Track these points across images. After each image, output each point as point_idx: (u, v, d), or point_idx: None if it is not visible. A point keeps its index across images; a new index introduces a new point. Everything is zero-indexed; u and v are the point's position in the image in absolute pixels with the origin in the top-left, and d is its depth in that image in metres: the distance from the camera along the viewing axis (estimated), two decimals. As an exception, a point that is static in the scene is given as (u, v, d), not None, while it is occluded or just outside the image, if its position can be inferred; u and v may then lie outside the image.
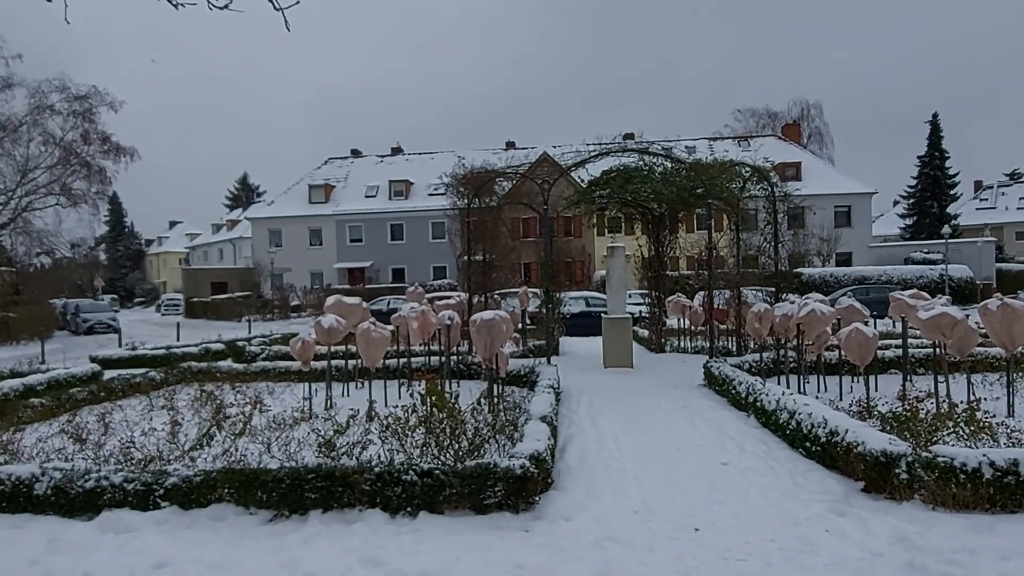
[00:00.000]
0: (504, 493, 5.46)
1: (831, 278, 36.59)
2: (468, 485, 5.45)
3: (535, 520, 5.36)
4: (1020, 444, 5.97)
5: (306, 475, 5.54)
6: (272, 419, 7.75)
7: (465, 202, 17.38)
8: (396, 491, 5.47)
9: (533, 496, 5.61)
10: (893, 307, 10.43)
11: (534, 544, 4.93)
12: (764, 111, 63.59)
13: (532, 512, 5.52)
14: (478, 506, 5.49)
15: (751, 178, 14.85)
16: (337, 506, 5.52)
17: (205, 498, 5.63)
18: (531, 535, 5.10)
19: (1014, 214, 61.54)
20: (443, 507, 5.50)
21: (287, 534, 5.24)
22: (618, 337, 14.90)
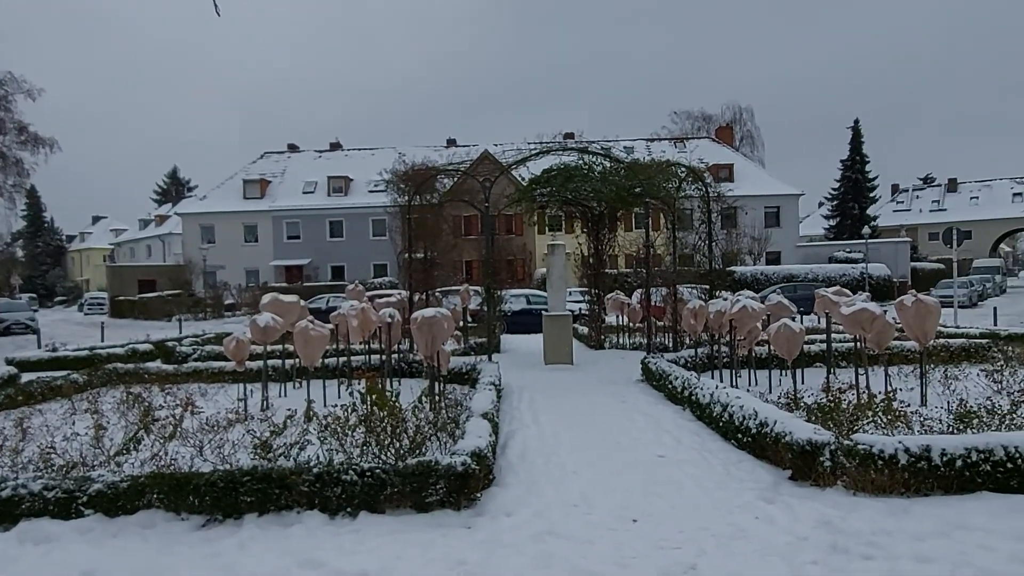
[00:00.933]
0: (446, 491, 5.46)
1: (762, 276, 37.91)
2: (409, 484, 5.43)
3: (477, 516, 5.39)
4: (932, 431, 6.33)
5: (241, 478, 5.41)
6: (205, 421, 7.51)
7: (406, 199, 17.24)
8: (335, 491, 5.40)
9: (475, 493, 5.64)
10: (818, 304, 10.91)
11: (475, 540, 4.96)
12: (699, 114, 65.39)
13: (474, 509, 5.54)
14: (420, 504, 5.47)
15: (686, 178, 15.25)
16: (274, 509, 5.41)
17: (133, 505, 5.43)
18: (473, 531, 5.13)
19: (927, 216, 65.21)
20: (384, 506, 5.46)
21: (221, 539, 5.10)
22: (558, 334, 15.08)
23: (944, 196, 68.11)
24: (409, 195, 17.11)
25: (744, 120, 65.09)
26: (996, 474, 5.36)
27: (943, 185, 69.62)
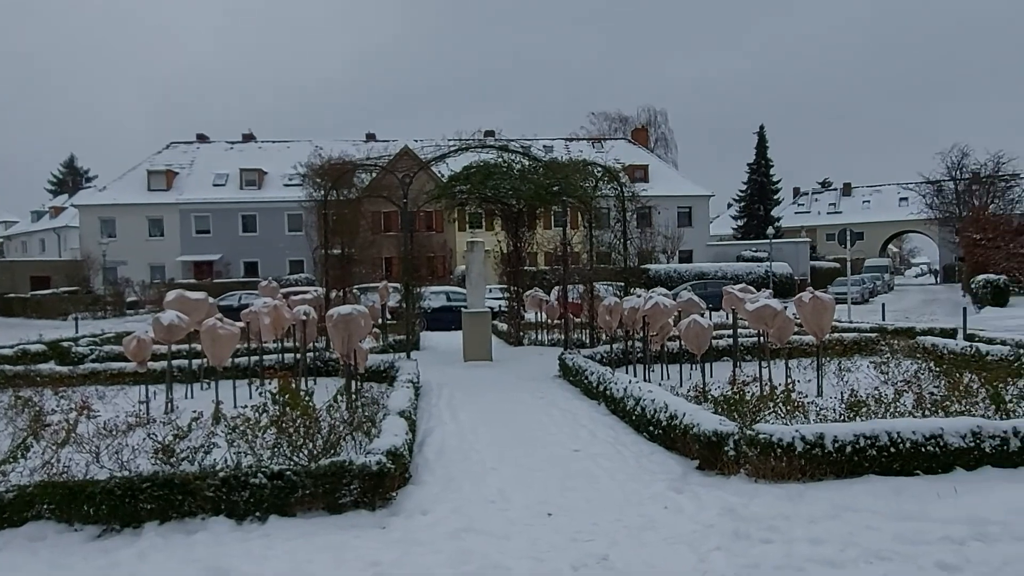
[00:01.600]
0: (360, 491, 5.38)
1: (675, 274, 39.24)
2: (322, 485, 5.32)
3: (392, 516, 5.34)
4: (826, 420, 6.74)
5: (140, 484, 5.15)
6: (102, 426, 7.09)
7: (322, 193, 16.82)
8: (243, 496, 5.22)
9: (390, 492, 5.58)
10: (725, 300, 11.41)
11: (391, 540, 4.91)
12: (616, 116, 66.94)
13: (389, 508, 5.49)
14: (333, 506, 5.37)
15: (603, 178, 15.59)
16: (176, 516, 5.18)
17: (20, 516, 5.07)
18: (388, 531, 5.08)
19: (825, 218, 69.24)
20: (295, 509, 5.32)
21: (119, 549, 4.84)
22: (478, 331, 15.11)
23: (840, 199, 72.45)
24: (326, 189, 16.70)
25: (659, 123, 67.13)
26: (881, 458, 5.76)
27: (839, 189, 74.06)
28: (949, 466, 5.79)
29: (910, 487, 5.50)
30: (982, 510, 4.97)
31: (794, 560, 4.35)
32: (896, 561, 4.30)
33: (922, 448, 5.77)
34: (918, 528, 4.75)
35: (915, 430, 5.84)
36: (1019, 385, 8.16)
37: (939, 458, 5.78)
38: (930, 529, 4.72)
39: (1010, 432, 5.91)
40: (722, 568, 4.30)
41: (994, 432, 5.90)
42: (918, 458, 5.78)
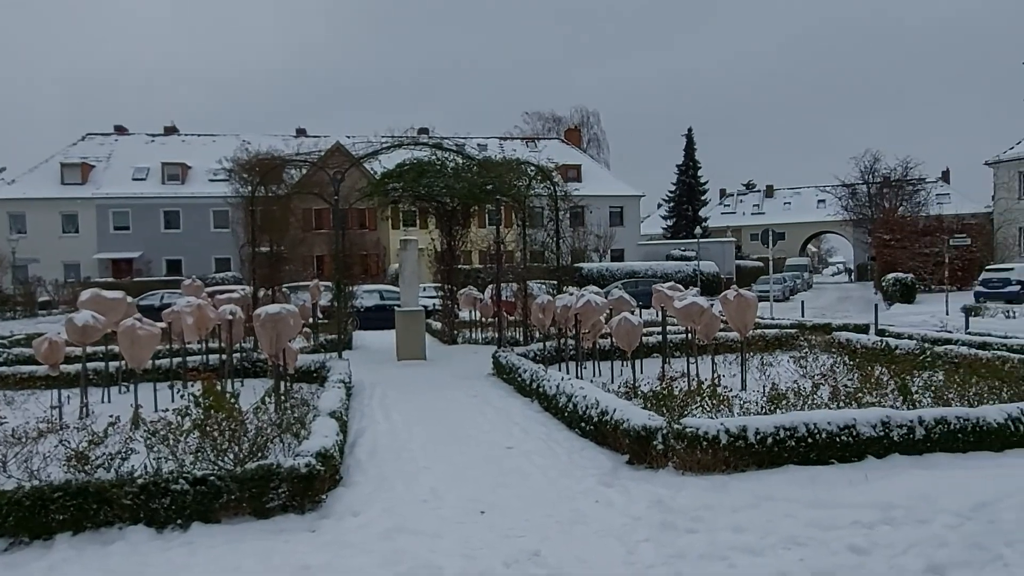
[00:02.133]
0: (289, 494, 5.25)
1: (607, 272, 39.95)
2: (248, 489, 5.16)
3: (322, 519, 5.24)
4: (749, 413, 7.01)
5: (51, 494, 4.87)
6: (10, 432, 6.68)
7: (249, 189, 16.32)
8: (164, 503, 5.01)
9: (320, 494, 5.48)
10: (655, 298, 11.70)
11: (320, 543, 4.82)
12: (550, 115, 67.63)
13: (319, 511, 5.38)
14: (260, 510, 5.22)
15: (536, 177, 15.72)
16: (91, 526, 4.93)
17: (-87, 532, 4.72)
18: (318, 534, 4.98)
19: (749, 218, 71.96)
20: (220, 515, 5.15)
21: (28, 563, 4.58)
22: (411, 330, 15.00)
23: (763, 201, 75.44)
24: (253, 185, 16.21)
25: (591, 123, 68.21)
26: (799, 448, 6.04)
27: (762, 191, 77.08)
28: (861, 454, 6.12)
29: (825, 475, 5.78)
30: (890, 495, 5.27)
31: (717, 548, 4.50)
32: (811, 546, 4.51)
33: (837, 438, 6.08)
34: (832, 514, 5.00)
35: (830, 421, 6.14)
36: (924, 377, 8.70)
37: (852, 447, 6.10)
38: (842, 515, 4.97)
39: (916, 421, 6.29)
40: (650, 559, 4.41)
41: (901, 421, 6.26)
42: (833, 448, 6.08)
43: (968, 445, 6.31)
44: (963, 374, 8.42)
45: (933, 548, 4.44)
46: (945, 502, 5.13)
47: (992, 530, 4.69)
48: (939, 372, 8.96)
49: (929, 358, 10.30)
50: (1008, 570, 4.15)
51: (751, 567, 4.25)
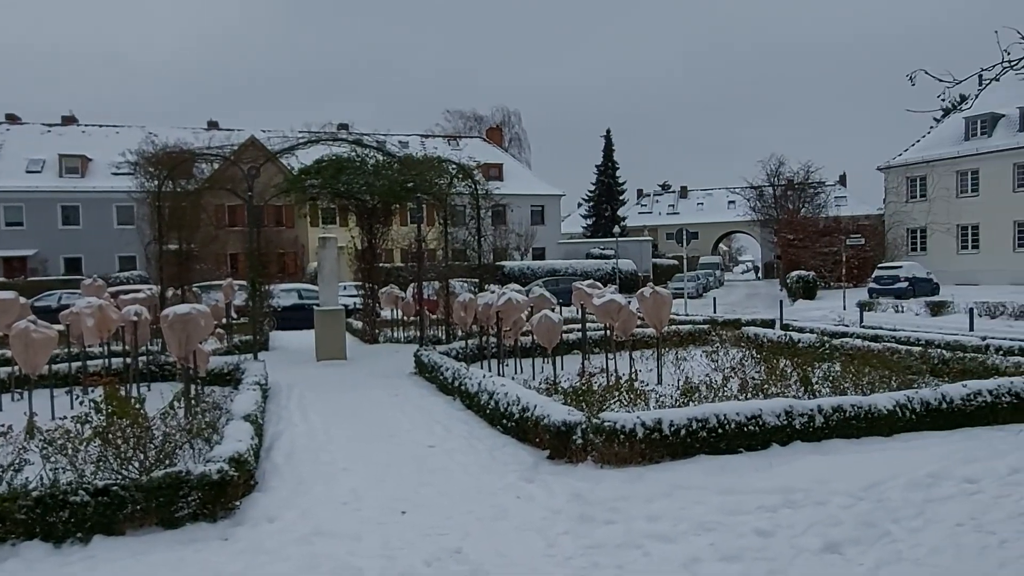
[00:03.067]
0: (199, 502, 5.05)
1: (528, 270, 40.37)
2: (156, 498, 4.93)
3: (236, 526, 5.07)
4: (664, 406, 7.26)
5: (-67, 511, 4.51)
6: None
7: (156, 184, 15.54)
8: (62, 516, 4.72)
9: (234, 501, 5.29)
10: (574, 296, 11.93)
11: (234, 551, 4.67)
12: (471, 114, 67.66)
13: (233, 518, 5.21)
14: (169, 520, 5.00)
15: (457, 175, 15.70)
16: (-19, 543, 4.60)
17: None
18: (231, 542, 4.82)
19: (665, 218, 74.32)
20: (125, 527, 4.90)
21: (-95, 587, 4.23)
22: (331, 329, 14.71)
23: (678, 201, 78.06)
24: (160, 179, 15.44)
25: (513, 123, 68.69)
26: (710, 439, 6.31)
27: (677, 192, 79.74)
28: (767, 443, 6.46)
29: (734, 463, 6.07)
30: (792, 480, 5.59)
31: (633, 537, 4.65)
32: (720, 531, 4.73)
33: (744, 428, 6.39)
34: (739, 500, 5.25)
35: (739, 412, 6.45)
36: (824, 368, 9.25)
37: (758, 436, 6.43)
38: (749, 500, 5.24)
39: (816, 410, 6.69)
40: (569, 551, 4.51)
41: (803, 411, 6.65)
42: (741, 437, 6.39)
43: (861, 431, 6.76)
44: (857, 365, 9.01)
45: (829, 527, 4.74)
46: (840, 484, 5.48)
47: (881, 508, 5.06)
48: (837, 363, 9.53)
49: (828, 350, 10.96)
50: (894, 544, 4.48)
51: (664, 553, 4.41)
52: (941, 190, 38.68)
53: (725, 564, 4.25)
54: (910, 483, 5.52)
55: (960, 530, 4.69)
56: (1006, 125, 37.49)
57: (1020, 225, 36.02)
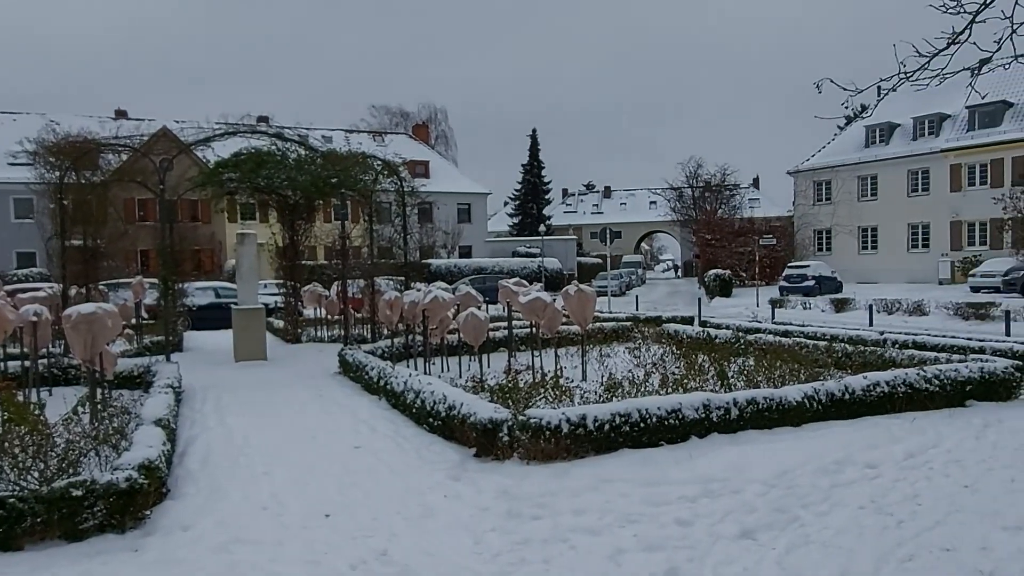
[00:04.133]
0: (106, 512, 4.78)
1: (455, 268, 40.26)
2: (58, 510, 4.64)
3: (147, 536, 4.82)
4: (588, 402, 7.39)
5: None
6: None
7: (58, 175, 14.60)
8: (-49, 532, 4.38)
9: (144, 510, 5.04)
10: (501, 294, 11.98)
11: (145, 562, 4.44)
12: (397, 110, 66.85)
13: (143, 528, 4.95)
14: (73, 532, 4.71)
15: (382, 172, 15.49)
16: None
17: None
18: (141, 553, 4.58)
19: (589, 217, 75.67)
20: (23, 541, 4.58)
21: None
22: (250, 329, 14.23)
23: (602, 201, 79.64)
24: (63, 171, 14.52)
25: (439, 120, 68.30)
26: (633, 433, 6.47)
27: (601, 192, 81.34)
28: (686, 435, 6.67)
29: (655, 456, 6.24)
30: (710, 471, 5.81)
31: (560, 532, 4.72)
32: (643, 522, 4.86)
33: (665, 421, 6.58)
34: (661, 491, 5.42)
35: (659, 406, 6.64)
36: (739, 362, 9.66)
37: (678, 429, 6.64)
38: (670, 491, 5.41)
39: (731, 403, 6.97)
40: (496, 547, 4.53)
41: (720, 404, 6.91)
42: (662, 430, 6.57)
43: (773, 421, 7.09)
44: (770, 359, 9.45)
45: (745, 514, 4.95)
46: (755, 473, 5.74)
47: (791, 494, 5.33)
48: (751, 358, 9.97)
49: (742, 346, 11.44)
50: (803, 528, 4.73)
51: (590, 546, 4.50)
52: (844, 194, 41.01)
53: (648, 554, 4.37)
54: (818, 470, 5.84)
55: (862, 512, 4.99)
56: (901, 134, 40.11)
57: (913, 228, 38.63)
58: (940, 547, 4.38)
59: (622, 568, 4.20)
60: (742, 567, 4.16)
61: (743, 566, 4.17)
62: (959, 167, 36.44)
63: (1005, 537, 4.52)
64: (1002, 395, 8.32)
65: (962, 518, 4.84)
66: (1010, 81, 36.37)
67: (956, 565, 4.14)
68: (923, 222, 38.03)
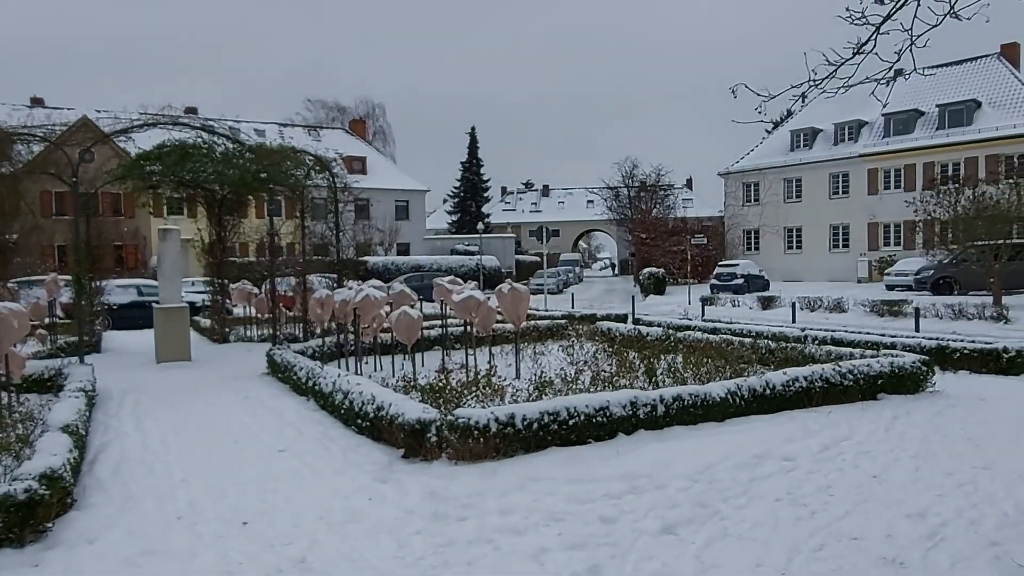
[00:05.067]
0: (3, 526, 4.49)
1: (392, 266, 39.80)
2: (-53, 525, 4.33)
3: (48, 550, 4.55)
4: (519, 401, 7.41)
5: None
6: None
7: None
8: None
9: (45, 522, 4.75)
10: (435, 292, 11.89)
11: (45, 578, 4.20)
12: (334, 104, 65.66)
13: (44, 541, 4.67)
14: (-36, 548, 4.41)
15: (314, 167, 15.14)
16: None
17: None
18: (41, 569, 4.32)
19: (528, 216, 76.07)
20: (-93, 559, 4.26)
21: None
22: (173, 328, 13.70)
23: (540, 199, 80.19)
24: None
25: (377, 115, 67.44)
26: (561, 431, 6.51)
27: (540, 190, 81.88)
28: (614, 432, 6.76)
29: (583, 454, 6.30)
30: (635, 467, 5.90)
31: (485, 532, 4.70)
32: (568, 520, 4.89)
33: (593, 419, 6.65)
34: (588, 489, 5.46)
35: (588, 404, 6.70)
36: (668, 360, 9.86)
37: (606, 426, 6.72)
38: (596, 488, 5.46)
39: (658, 400, 7.10)
40: (420, 551, 4.47)
41: (647, 401, 7.03)
42: (590, 428, 6.64)
43: (698, 417, 7.27)
44: (697, 356, 9.69)
45: (667, 510, 5.05)
46: (679, 468, 5.86)
47: (713, 489, 5.46)
48: (679, 355, 10.20)
49: (672, 343, 11.70)
50: (723, 522, 4.85)
51: (514, 546, 4.49)
52: (772, 195, 42.53)
53: (571, 552, 4.39)
54: (738, 464, 6.01)
55: (778, 504, 5.16)
56: (823, 139, 41.88)
57: (835, 228, 40.40)
58: (849, 536, 4.57)
59: (544, 568, 4.21)
60: (661, 563, 4.23)
61: (663, 561, 4.24)
62: (876, 171, 38.32)
63: (908, 524, 4.75)
64: (911, 388, 8.77)
65: (870, 507, 5.07)
66: (922, 91, 38.54)
67: (863, 553, 4.33)
68: (843, 223, 39.82)
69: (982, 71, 38.30)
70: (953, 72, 38.98)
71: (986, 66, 38.43)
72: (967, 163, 34.18)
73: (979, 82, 37.57)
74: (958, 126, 35.76)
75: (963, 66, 39.22)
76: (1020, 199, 20.61)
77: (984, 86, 37.00)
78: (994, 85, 36.55)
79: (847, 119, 39.78)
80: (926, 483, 5.57)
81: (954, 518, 4.83)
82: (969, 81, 38.02)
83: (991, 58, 38.56)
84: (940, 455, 6.30)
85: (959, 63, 39.38)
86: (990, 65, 38.29)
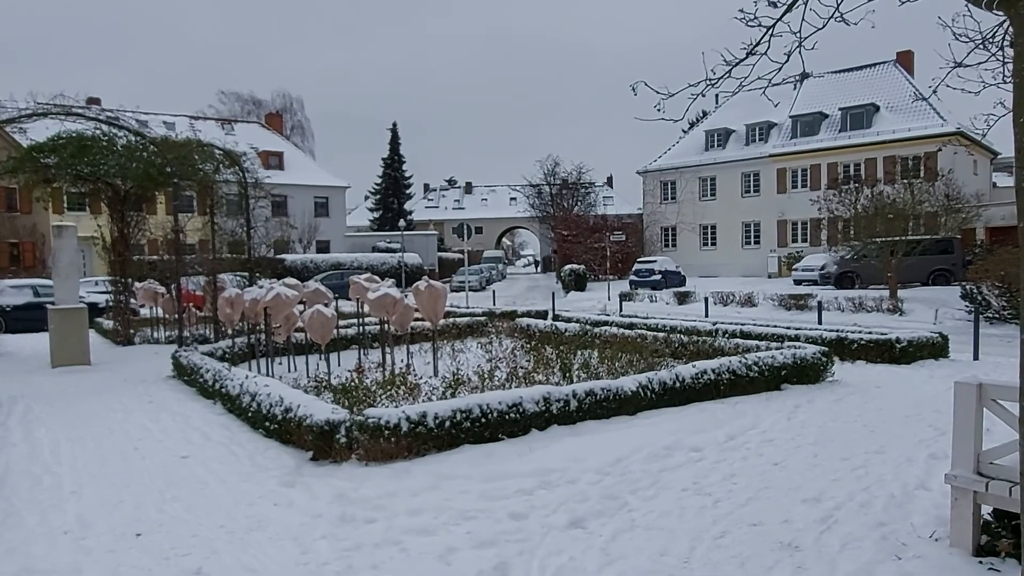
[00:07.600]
0: None
1: (311, 264, 38.78)
2: None
3: (-89, 574, 4.18)
4: (435, 398, 7.34)
5: None
6: None
7: None
8: None
9: (-92, 544, 4.36)
10: (351, 290, 11.64)
11: (-95, 606, 3.84)
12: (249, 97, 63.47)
13: (-93, 565, 4.29)
14: None
15: (223, 161, 14.55)
16: None
17: None
18: (-99, 595, 3.97)
19: (450, 212, 75.69)
20: None
21: None
22: (70, 330, 12.89)
23: (463, 196, 79.95)
24: None
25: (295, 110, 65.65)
26: (474, 429, 6.48)
27: (463, 187, 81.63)
28: (527, 428, 6.79)
29: (497, 451, 6.29)
30: (548, 462, 5.94)
31: (393, 534, 4.61)
32: (479, 518, 4.86)
33: (506, 416, 6.66)
34: (500, 486, 5.46)
35: (500, 401, 6.70)
36: (585, 355, 10.00)
37: (519, 423, 6.74)
38: (509, 485, 5.46)
39: (571, 395, 7.18)
40: (324, 556, 4.34)
41: (559, 396, 7.09)
42: (503, 425, 6.64)
43: (611, 411, 7.40)
44: (613, 351, 9.87)
45: (578, 504, 5.10)
46: (591, 462, 5.94)
47: (623, 481, 5.56)
48: (595, 350, 10.36)
49: (589, 338, 11.88)
50: (631, 514, 4.94)
51: (422, 547, 4.43)
52: (688, 194, 43.94)
53: (480, 550, 4.37)
54: (649, 456, 6.15)
55: (684, 494, 5.31)
56: (736, 139, 43.59)
57: (747, 225, 42.13)
58: (749, 523, 4.74)
59: (452, 567, 4.17)
60: (569, 556, 4.26)
61: (570, 555, 4.28)
62: (784, 171, 40.18)
63: (804, 509, 4.97)
64: (812, 378, 9.22)
65: (770, 494, 5.28)
66: (827, 94, 40.68)
67: (762, 538, 4.50)
68: (755, 220, 41.56)
69: (880, 77, 40.76)
70: (854, 77, 41.34)
71: (884, 72, 40.91)
72: (867, 164, 36.32)
73: (878, 87, 39.95)
74: (859, 128, 37.93)
75: (863, 71, 41.63)
76: (914, 198, 22.09)
77: (882, 91, 39.37)
78: (891, 90, 38.95)
79: (757, 120, 41.51)
80: (823, 468, 5.85)
81: (846, 501, 5.09)
82: (869, 86, 40.38)
83: (888, 64, 41.07)
84: (837, 441, 6.65)
85: (860, 68, 41.79)
86: (887, 71, 40.80)
